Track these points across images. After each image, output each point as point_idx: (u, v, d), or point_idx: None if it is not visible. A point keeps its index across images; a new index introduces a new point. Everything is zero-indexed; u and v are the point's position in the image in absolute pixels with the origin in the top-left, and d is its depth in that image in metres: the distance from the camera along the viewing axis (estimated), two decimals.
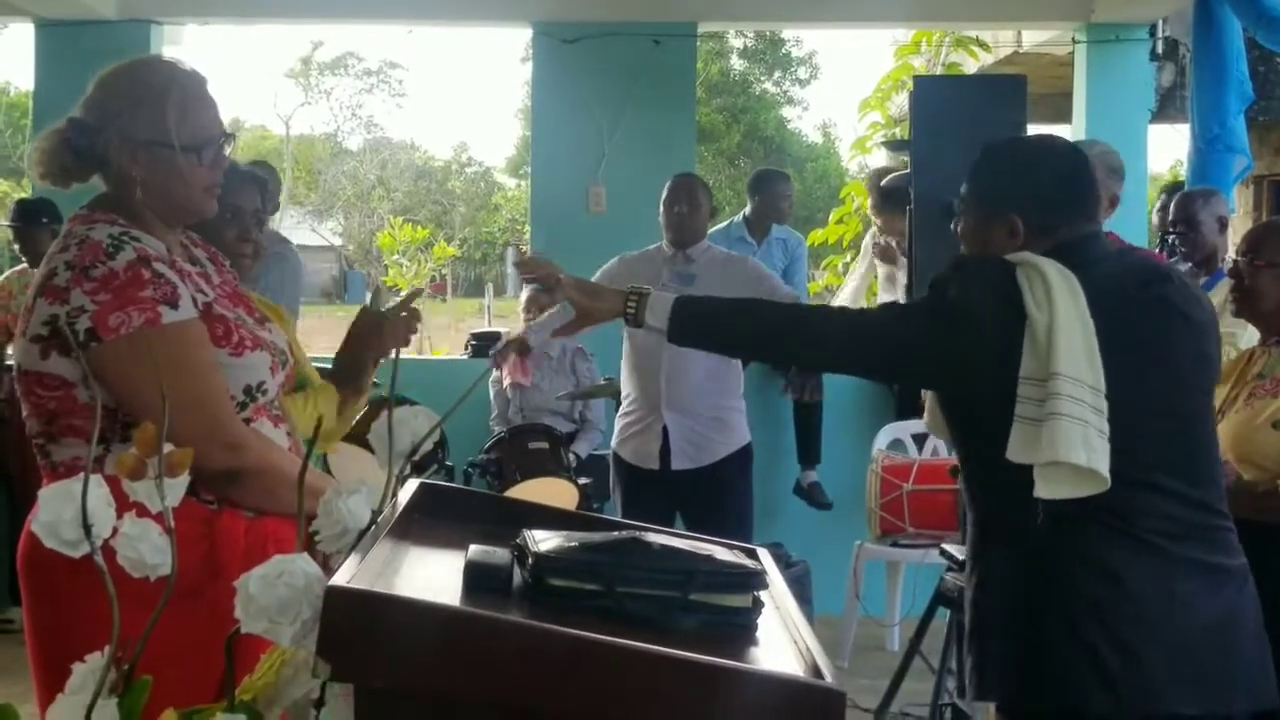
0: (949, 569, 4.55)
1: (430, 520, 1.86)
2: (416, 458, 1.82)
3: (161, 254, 2.51)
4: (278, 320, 3.53)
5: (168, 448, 1.60)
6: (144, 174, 2.53)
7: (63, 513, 1.56)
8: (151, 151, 2.53)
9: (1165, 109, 8.10)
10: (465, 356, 8.31)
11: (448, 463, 6.75)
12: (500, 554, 1.67)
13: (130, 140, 2.52)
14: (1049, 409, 2.45)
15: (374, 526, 1.65)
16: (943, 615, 4.73)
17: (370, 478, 1.70)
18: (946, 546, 4.63)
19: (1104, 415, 2.48)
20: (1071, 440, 2.43)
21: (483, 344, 8.19)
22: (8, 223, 7.34)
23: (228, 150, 2.65)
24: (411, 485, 1.93)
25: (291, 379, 2.80)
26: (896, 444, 6.71)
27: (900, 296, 7.65)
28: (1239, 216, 8.17)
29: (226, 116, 2.69)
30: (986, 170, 2.87)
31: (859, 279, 8.17)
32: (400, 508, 1.80)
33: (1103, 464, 2.46)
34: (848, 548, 6.50)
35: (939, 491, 5.96)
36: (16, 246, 7.33)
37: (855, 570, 6.41)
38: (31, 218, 6.87)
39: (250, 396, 2.57)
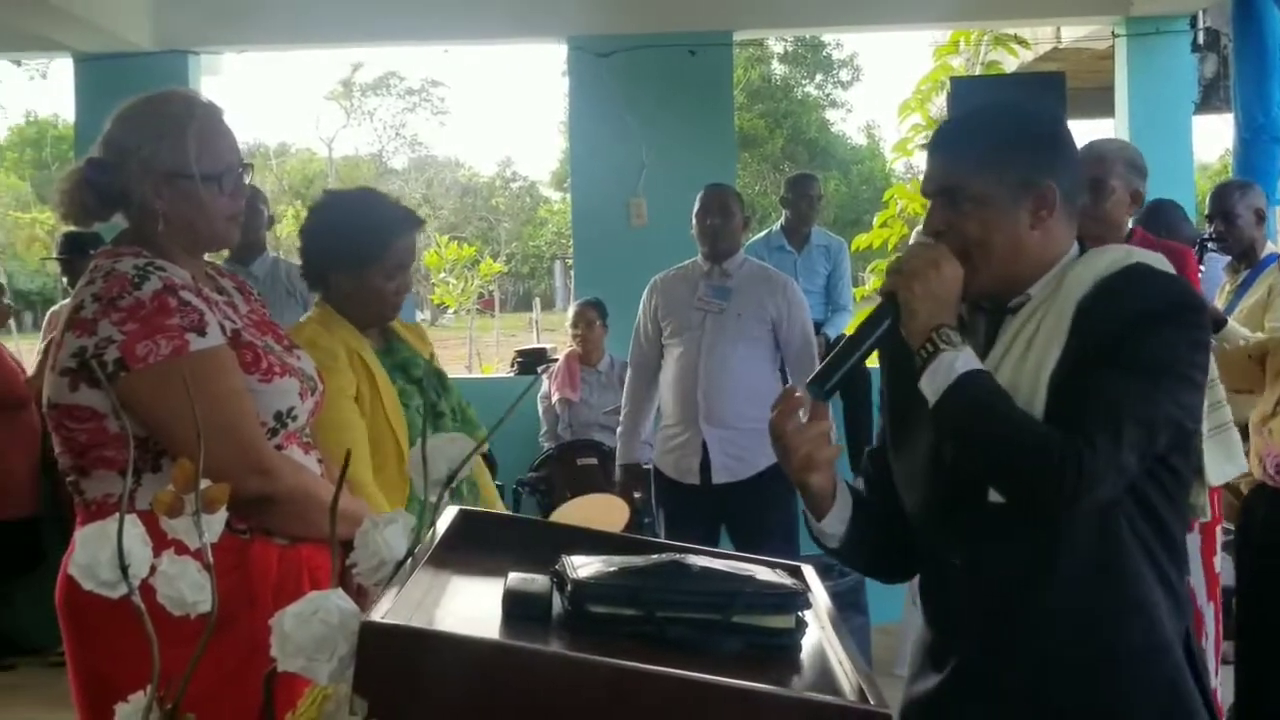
0: None
1: (469, 548, 1.84)
2: (454, 485, 1.80)
3: (188, 282, 2.52)
4: (419, 341, 3.58)
5: (204, 482, 1.59)
6: (166, 206, 2.54)
7: (99, 554, 1.55)
8: (173, 183, 2.54)
9: (1209, 100, 7.99)
10: (512, 374, 8.32)
11: (497, 482, 6.75)
12: (539, 581, 1.65)
13: (152, 173, 2.53)
14: (1218, 419, 2.21)
15: (411, 557, 1.64)
16: None
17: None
18: None
19: None
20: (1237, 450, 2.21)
21: (529, 361, 8.21)
22: (56, 255, 7.43)
23: (246, 179, 2.66)
24: (450, 513, 1.91)
25: (321, 405, 2.80)
26: None
27: None
28: None
29: (273, 141, 2.71)
30: (983, 143, 2.31)
31: None
32: (438, 536, 1.78)
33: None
34: None
35: None
36: (65, 279, 7.41)
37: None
38: (79, 249, 6.93)
39: (280, 422, 2.57)
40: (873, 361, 2.47)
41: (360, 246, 3.39)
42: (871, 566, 2.64)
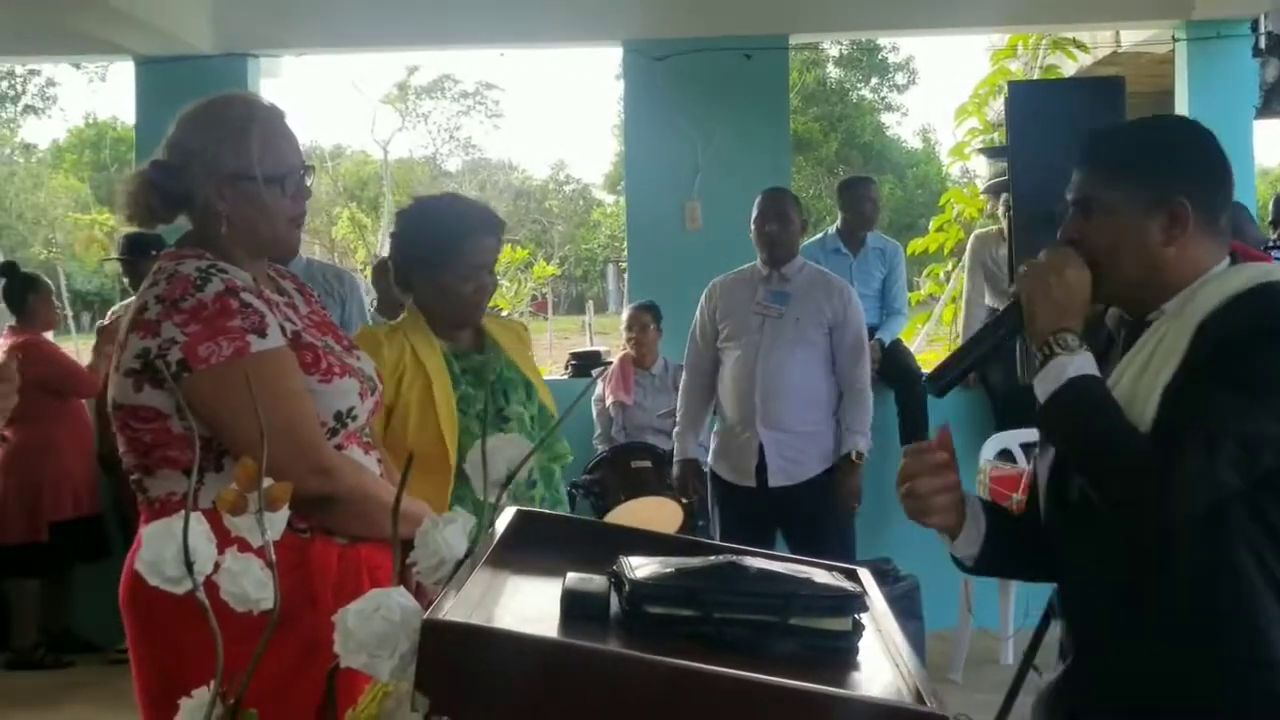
0: None
1: (528, 548, 1.85)
2: (511, 485, 1.82)
3: (249, 284, 2.55)
4: (515, 342, 3.61)
5: (267, 481, 1.61)
6: (229, 208, 2.57)
7: (165, 550, 1.57)
8: (236, 185, 2.56)
9: (1270, 104, 7.92)
10: (566, 377, 8.34)
11: None
12: (597, 581, 1.66)
13: (215, 175, 2.56)
14: None
15: (471, 556, 1.65)
16: (1056, 627, 4.65)
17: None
18: None
19: None
20: None
21: (584, 364, 8.22)
22: (117, 255, 7.51)
23: (309, 181, 2.68)
24: (509, 513, 1.92)
25: (380, 405, 2.83)
26: (1004, 454, 6.61)
27: (988, 301, 7.55)
28: None
29: (329, 143, 2.74)
30: (1120, 151, 2.35)
31: (975, 293, 7.87)
32: (497, 536, 1.79)
33: None
34: None
35: None
36: (125, 280, 7.50)
37: (966, 583, 6.32)
38: (140, 250, 7.01)
39: (341, 422, 2.59)
40: (927, 365, 2.57)
41: (435, 249, 3.47)
42: (1022, 572, 2.73)
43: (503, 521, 1.87)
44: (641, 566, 1.66)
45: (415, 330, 3.48)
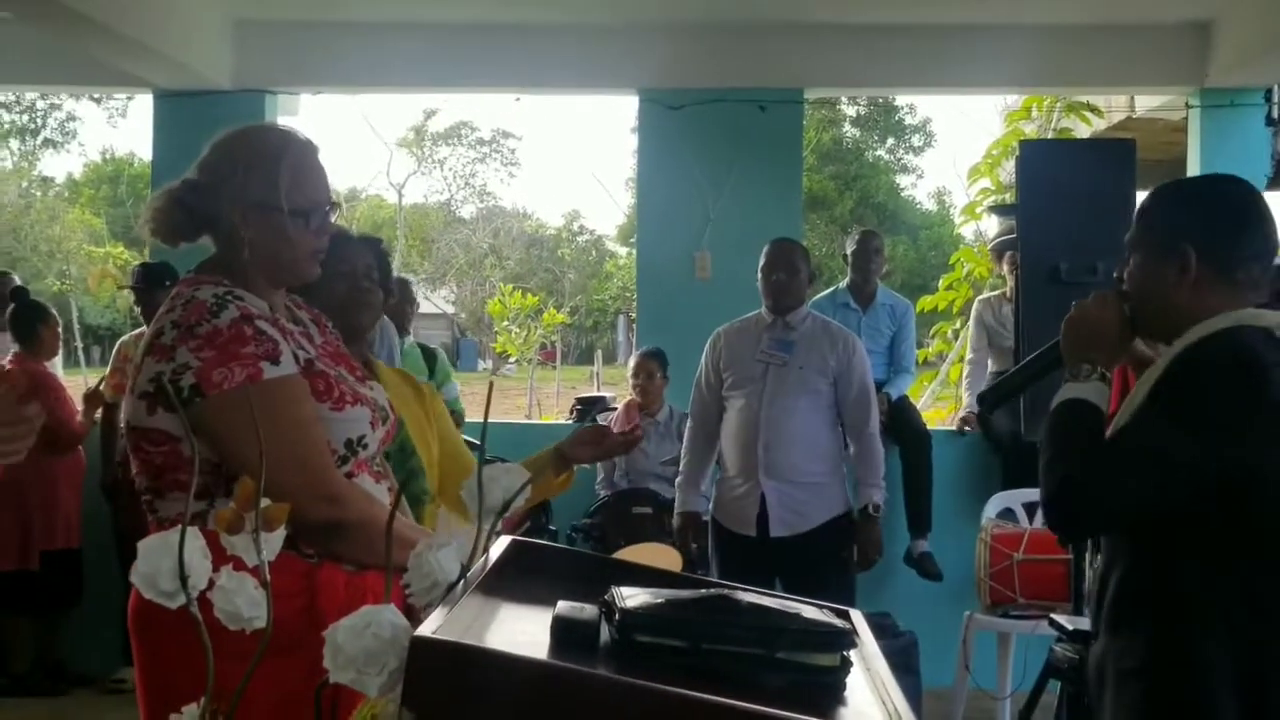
0: (1059, 640, 4.46)
1: (521, 576, 1.86)
2: (508, 514, 1.83)
3: (264, 312, 2.57)
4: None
5: (265, 502, 1.62)
6: (252, 235, 2.59)
7: (160, 564, 1.58)
8: (261, 213, 2.59)
9: None
10: (571, 421, 8.35)
11: (550, 526, 6.78)
12: (588, 610, 1.66)
13: (242, 202, 2.59)
14: None
15: (463, 580, 1.66)
16: (1053, 688, 4.63)
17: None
18: (1056, 617, 4.54)
19: None
20: None
21: (588, 409, 8.24)
22: (130, 285, 7.56)
23: (333, 218, 2.71)
24: (503, 541, 1.93)
25: (391, 435, 2.84)
26: (1006, 513, 6.60)
27: (993, 363, 7.55)
28: None
29: (344, 185, 2.77)
30: (1153, 204, 2.71)
31: (978, 354, 7.89)
32: (490, 563, 1.80)
33: None
34: (957, 618, 6.40)
35: (1050, 562, 5.86)
36: (138, 309, 7.53)
37: (965, 641, 6.30)
38: (153, 280, 7.06)
39: (351, 450, 2.61)
40: (933, 423, 2.94)
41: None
42: None
43: (496, 550, 1.88)
44: (633, 596, 1.66)
45: None
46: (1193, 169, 8.19)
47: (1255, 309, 2.54)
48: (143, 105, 8.46)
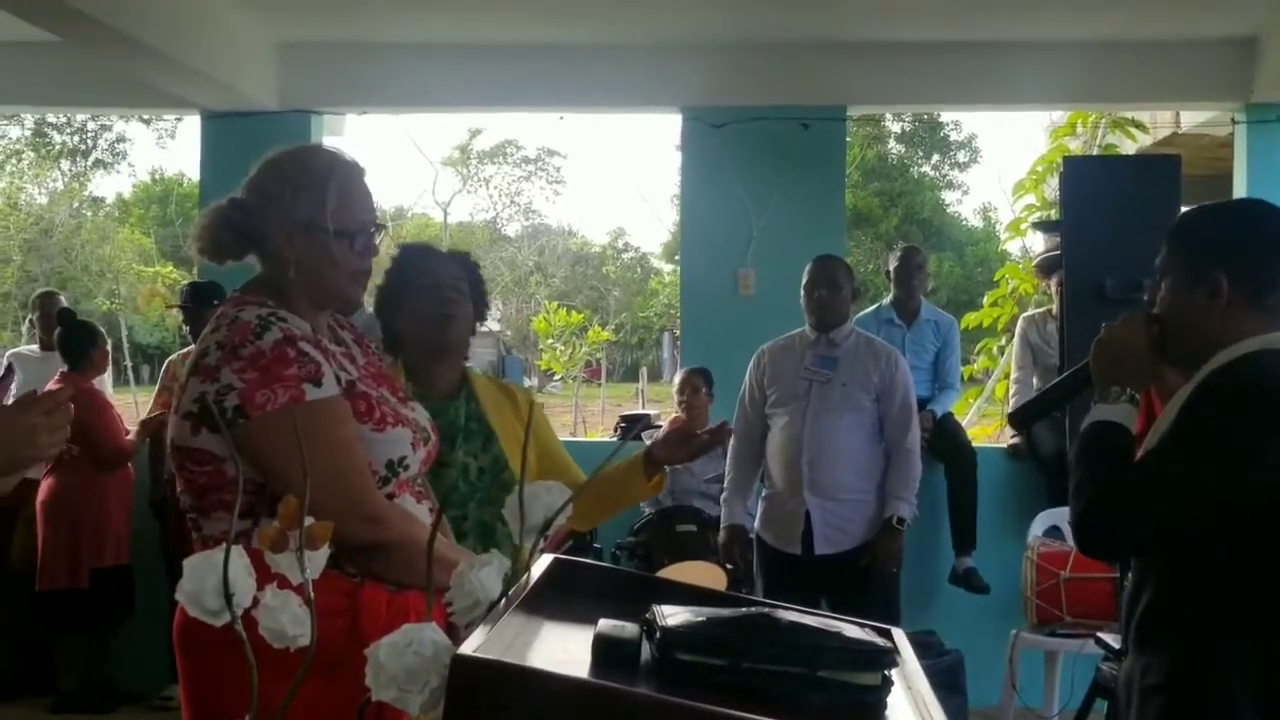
0: (1105, 659, 4.44)
1: (562, 595, 1.87)
2: (550, 532, 1.83)
3: (307, 334, 2.59)
4: None
5: (308, 521, 1.63)
6: (298, 255, 2.62)
7: (205, 581, 1.59)
8: (307, 234, 2.61)
9: None
10: (615, 438, 8.35)
11: (595, 545, 6.78)
12: (629, 628, 1.66)
13: (288, 222, 2.61)
14: None
15: (505, 599, 1.67)
16: (1100, 707, 4.61)
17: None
18: (1103, 636, 4.52)
19: None
20: None
21: (631, 426, 8.24)
22: (179, 304, 7.62)
23: (378, 240, 2.73)
24: (545, 560, 1.94)
25: (433, 456, 2.85)
26: (1053, 531, 6.57)
27: (1038, 381, 7.50)
28: None
29: (390, 204, 2.79)
30: (1184, 229, 2.70)
31: (1023, 371, 7.83)
32: (532, 581, 1.81)
33: None
34: (1003, 637, 6.36)
35: (1096, 580, 5.83)
36: (186, 328, 7.59)
37: (1011, 660, 6.26)
38: (202, 299, 7.11)
39: (393, 471, 2.62)
40: (979, 440, 2.93)
41: (400, 275, 3.69)
42: None
43: (539, 568, 1.89)
44: (674, 615, 1.67)
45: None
46: (1239, 185, 8.14)
47: (1276, 335, 2.53)
48: (191, 126, 8.53)
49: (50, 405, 2.25)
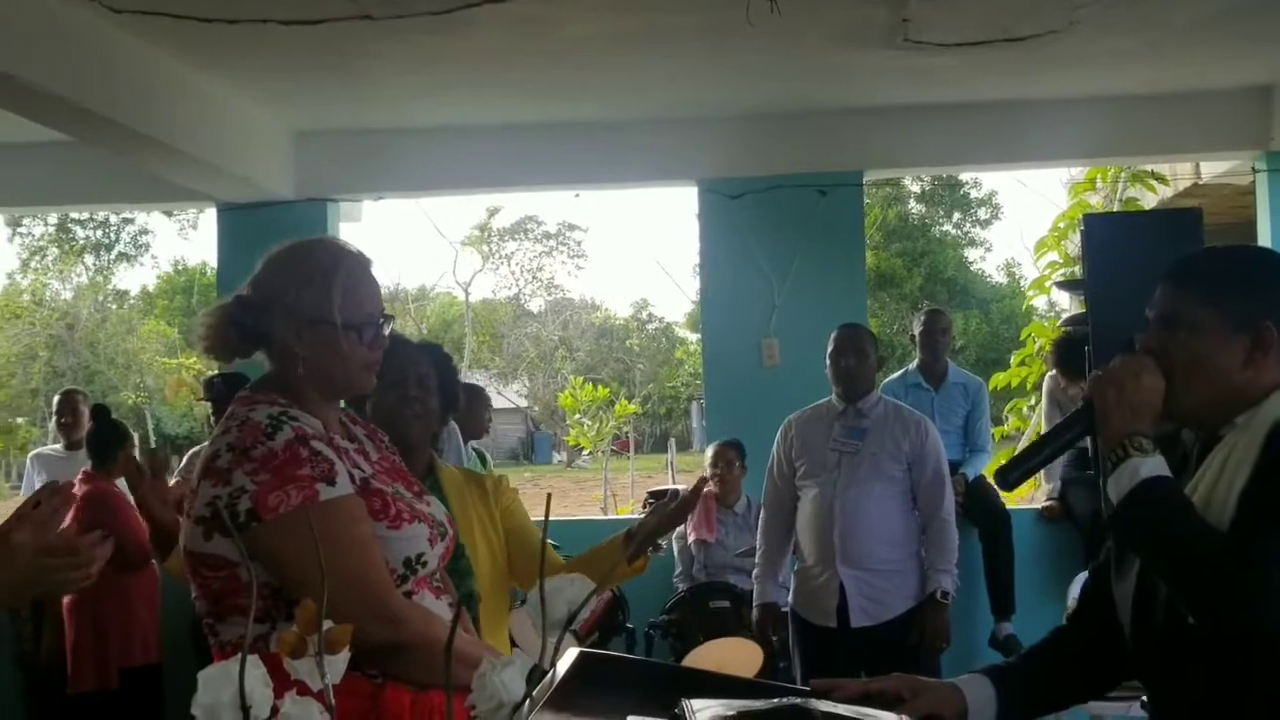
0: None
1: (590, 689, 1.81)
2: (574, 626, 1.78)
3: (319, 432, 2.56)
4: None
5: (327, 624, 1.59)
6: (306, 351, 2.58)
7: (221, 694, 1.55)
8: (315, 329, 2.58)
9: None
10: (642, 515, 8.29)
11: (628, 624, 6.70)
12: None
13: (295, 318, 2.58)
14: None
15: (530, 699, 1.61)
16: None
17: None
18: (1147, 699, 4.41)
19: None
20: None
21: (659, 503, 8.17)
22: (204, 397, 7.59)
23: (387, 330, 2.70)
24: (571, 654, 1.89)
25: (451, 550, 2.80)
26: None
27: None
28: None
29: (413, 284, 2.76)
30: (1212, 274, 2.40)
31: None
32: (558, 678, 1.76)
33: None
34: None
35: None
36: (213, 420, 7.56)
37: None
38: (230, 391, 7.07)
39: (410, 569, 2.57)
40: (1011, 502, 2.64)
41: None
42: (1076, 693, 2.74)
43: (564, 663, 1.83)
44: (704, 709, 1.62)
45: None
46: (1262, 232, 8.10)
47: None
48: (212, 217, 8.55)
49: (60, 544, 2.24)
